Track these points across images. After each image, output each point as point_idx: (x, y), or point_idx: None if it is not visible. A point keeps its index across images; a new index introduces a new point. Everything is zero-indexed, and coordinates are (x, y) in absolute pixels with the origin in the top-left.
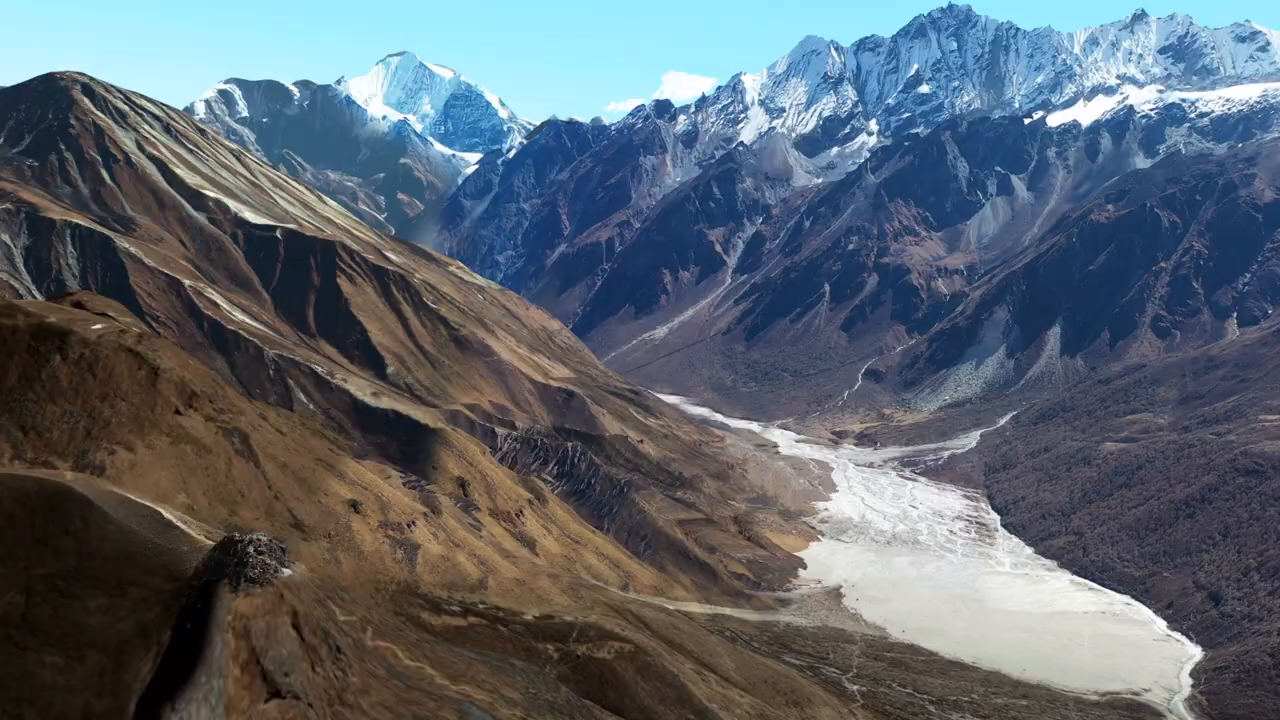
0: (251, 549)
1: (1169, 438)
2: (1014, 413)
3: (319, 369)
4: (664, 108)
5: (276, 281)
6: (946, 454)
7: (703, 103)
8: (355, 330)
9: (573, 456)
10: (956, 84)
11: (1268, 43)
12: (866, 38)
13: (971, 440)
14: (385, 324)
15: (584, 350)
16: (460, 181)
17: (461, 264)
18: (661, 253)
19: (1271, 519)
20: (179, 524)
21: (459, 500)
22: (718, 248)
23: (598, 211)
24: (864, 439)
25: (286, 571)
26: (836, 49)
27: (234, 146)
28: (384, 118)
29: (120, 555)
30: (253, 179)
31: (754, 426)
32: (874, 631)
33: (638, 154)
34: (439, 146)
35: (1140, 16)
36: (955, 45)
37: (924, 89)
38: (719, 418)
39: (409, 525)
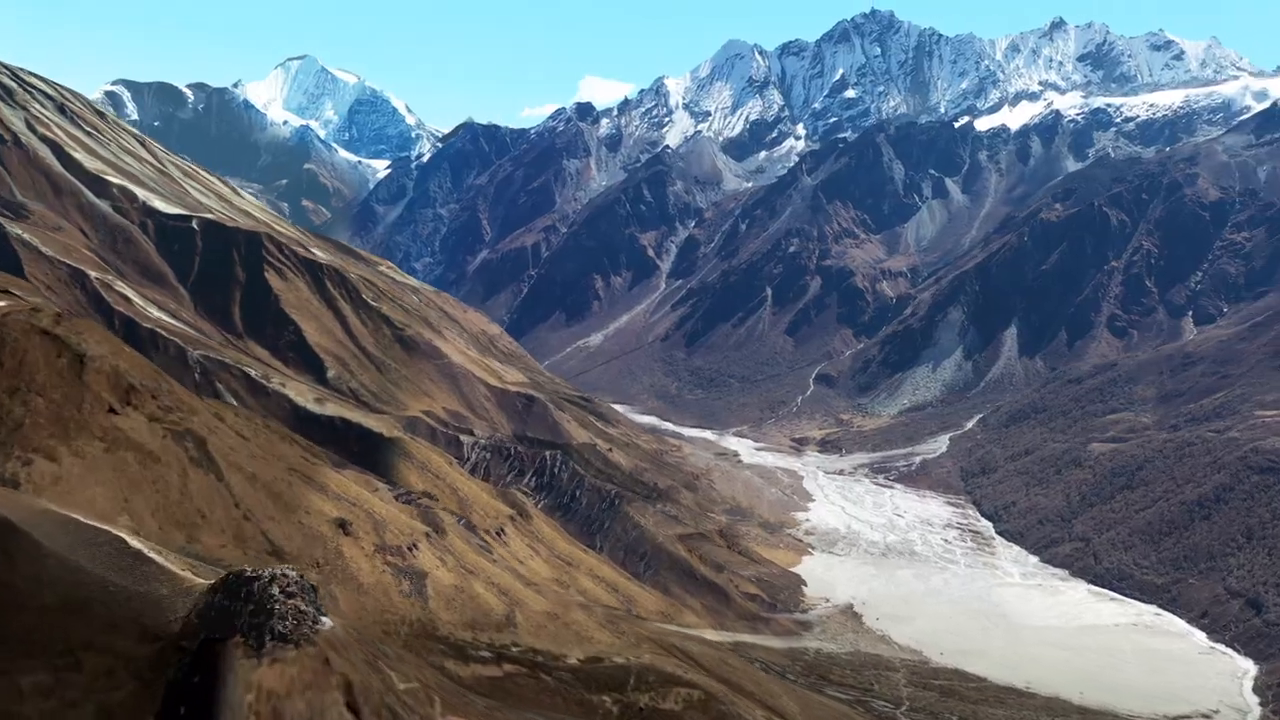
0: (277, 590)
1: (1160, 436)
2: (980, 415)
3: (252, 372)
4: (586, 111)
5: (195, 276)
6: (918, 459)
7: (625, 106)
8: (288, 330)
9: (552, 466)
10: (882, 89)
11: (1181, 52)
12: (790, 42)
13: (941, 444)
14: (322, 323)
15: (527, 356)
16: (372, 186)
17: (391, 264)
18: (592, 257)
19: None
20: (152, 555)
21: (460, 519)
22: (650, 252)
23: (521, 216)
24: (827, 445)
25: (327, 623)
26: (760, 53)
27: (136, 132)
28: (285, 123)
29: (65, 605)
30: (160, 167)
31: (708, 435)
32: (911, 656)
33: (560, 157)
34: (344, 153)
35: (1059, 24)
36: (879, 51)
37: (850, 94)
38: (669, 426)
39: (411, 549)
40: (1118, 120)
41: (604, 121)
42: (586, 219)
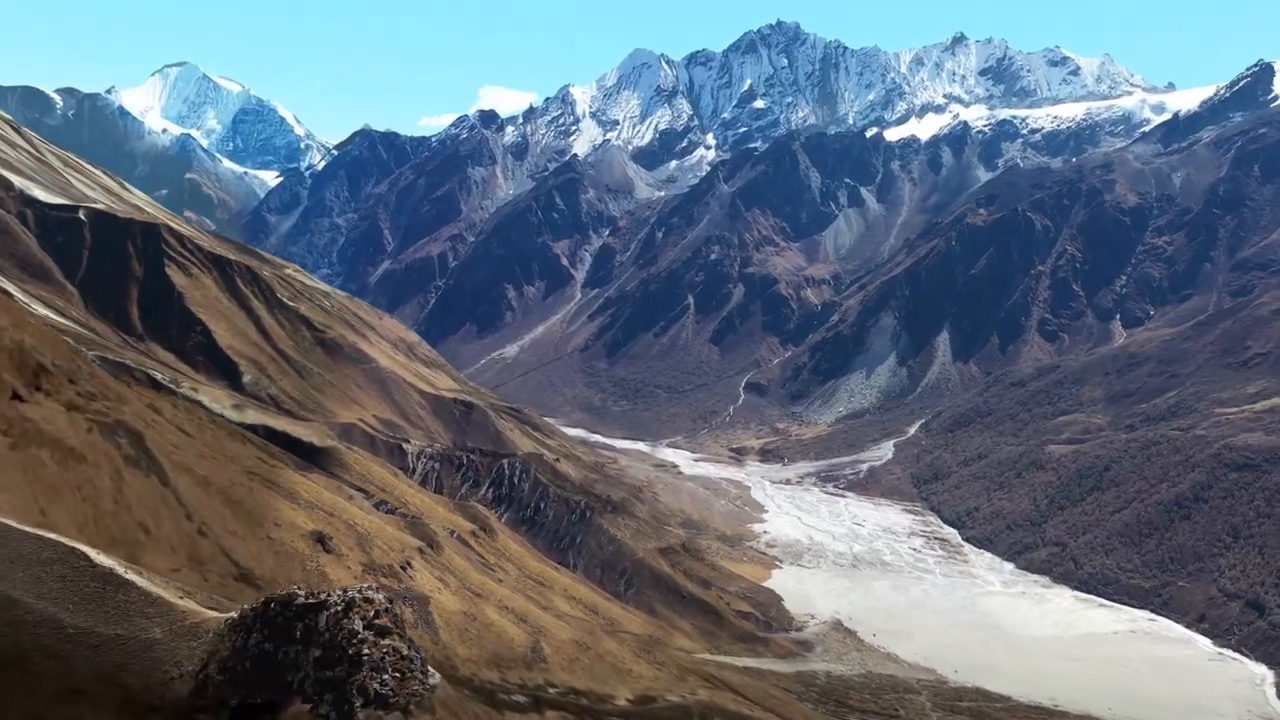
0: (359, 623)
1: (1121, 437)
2: (922, 421)
3: (159, 375)
4: (490, 118)
5: (84, 272)
6: (865, 466)
7: (531, 114)
8: (195, 331)
9: (511, 476)
10: (790, 100)
11: (1078, 68)
12: (697, 52)
13: (886, 451)
14: (234, 324)
15: (448, 365)
16: (263, 195)
17: (297, 267)
18: (503, 267)
19: None
20: (131, 577)
21: (452, 532)
22: (564, 261)
23: (425, 225)
24: (768, 455)
25: (435, 677)
26: (668, 62)
27: (8, 117)
28: (164, 132)
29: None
30: (38, 155)
31: (641, 447)
32: (925, 675)
33: (465, 165)
34: (229, 164)
35: (960, 39)
36: (786, 62)
37: (759, 104)
38: (598, 438)
39: (405, 568)
40: (1024, 132)
41: (509, 129)
42: (496, 227)
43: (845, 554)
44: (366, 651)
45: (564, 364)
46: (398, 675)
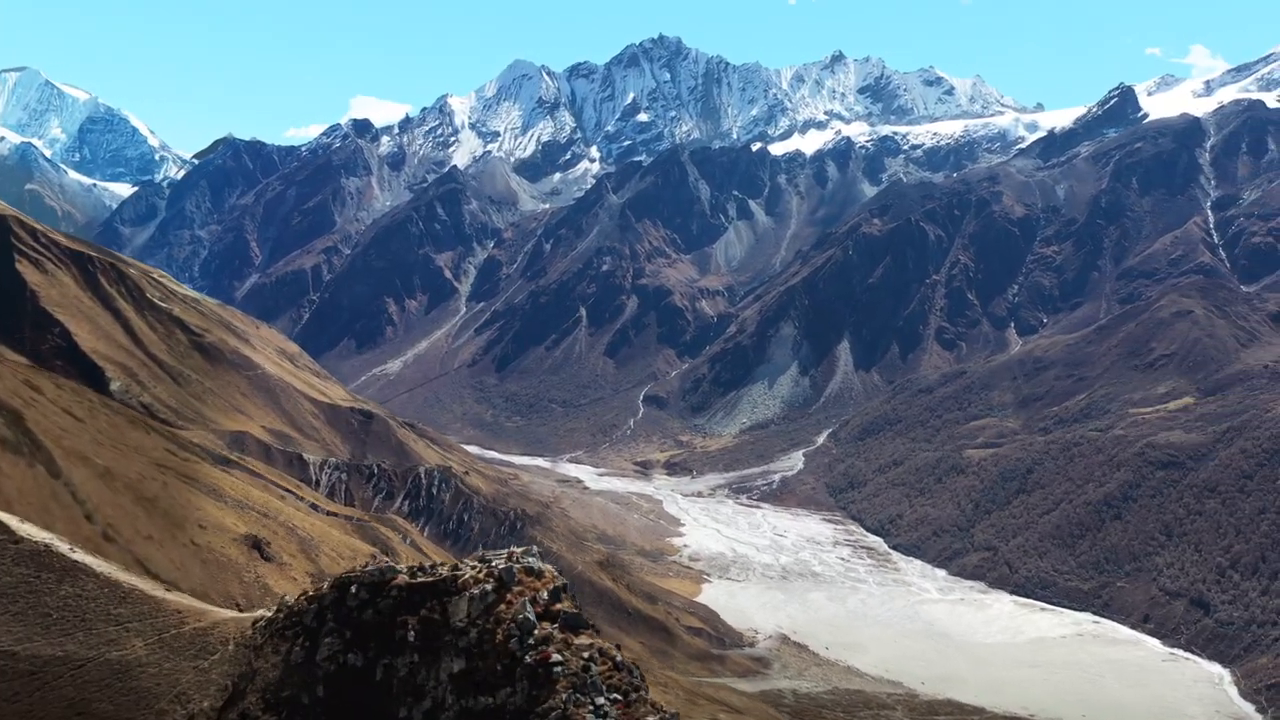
0: (528, 611)
1: (1038, 439)
2: (830, 430)
3: None
4: (364, 128)
5: None
6: (777, 477)
7: (408, 124)
8: (53, 333)
9: (429, 487)
10: (674, 114)
11: (952, 88)
12: (579, 64)
13: (796, 461)
14: (98, 325)
15: (332, 378)
16: (115, 206)
17: (164, 272)
18: (383, 280)
19: (1215, 512)
20: (84, 559)
21: (406, 537)
22: (448, 273)
23: (296, 237)
24: (675, 468)
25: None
26: (549, 74)
27: None
28: (1, 140)
29: None
30: None
31: (540, 462)
32: (892, 688)
33: (338, 175)
34: (75, 175)
35: (839, 58)
36: (669, 76)
37: (643, 117)
38: (494, 454)
39: None
40: (906, 147)
41: (384, 139)
42: (374, 239)
43: (773, 566)
44: (559, 659)
45: (451, 379)
46: (618, 698)
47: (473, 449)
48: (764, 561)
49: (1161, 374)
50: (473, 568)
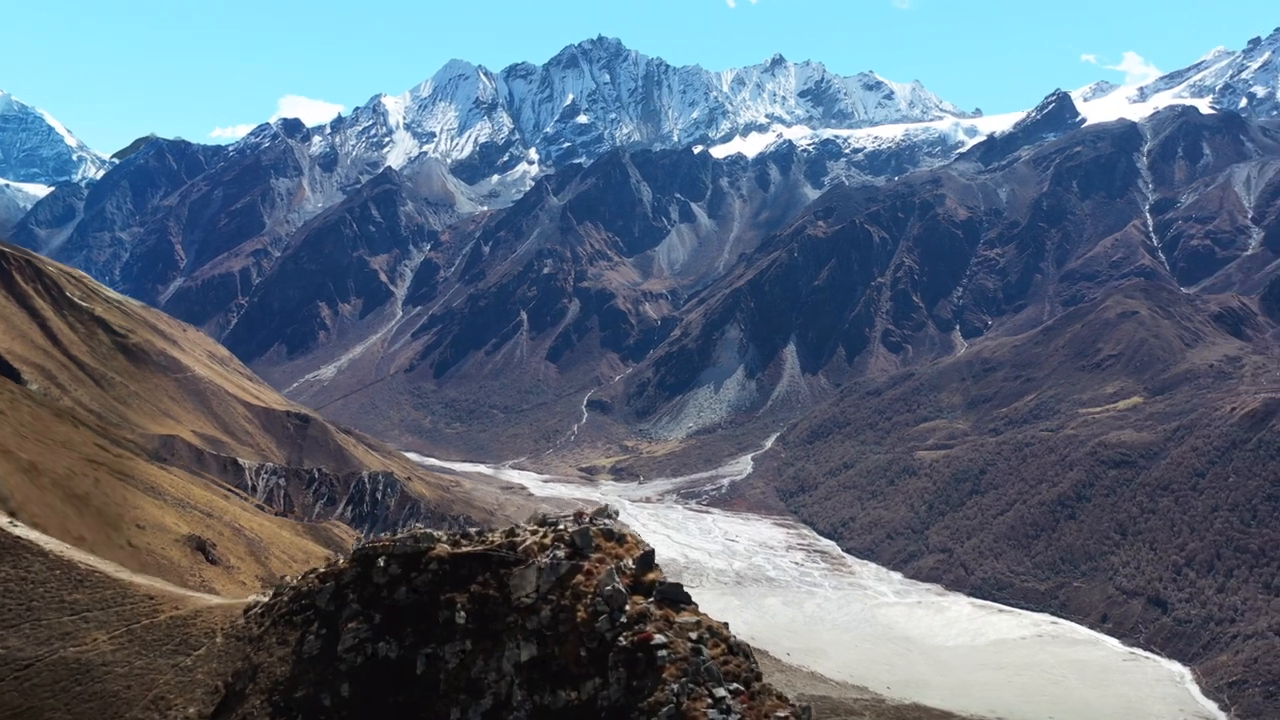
0: (616, 582)
1: (989, 440)
2: (778, 434)
3: None
4: (294, 127)
5: None
6: (725, 481)
7: (340, 124)
8: None
9: (374, 492)
10: (614, 116)
11: (891, 92)
12: (517, 64)
13: (744, 466)
14: (13, 325)
15: (265, 384)
16: (30, 208)
17: (84, 274)
18: (315, 283)
19: (1169, 510)
20: (27, 535)
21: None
22: (383, 277)
23: (223, 240)
24: (622, 473)
25: None
26: (486, 74)
27: None
28: None
29: None
30: None
31: (483, 469)
32: (859, 694)
33: (267, 176)
34: None
35: (779, 61)
36: (609, 78)
37: (582, 119)
38: (434, 461)
39: None
40: (847, 151)
41: (316, 139)
42: (306, 241)
43: (726, 571)
44: (662, 640)
45: (387, 385)
46: (739, 688)
47: (412, 456)
48: (717, 567)
49: (1109, 374)
50: (533, 532)
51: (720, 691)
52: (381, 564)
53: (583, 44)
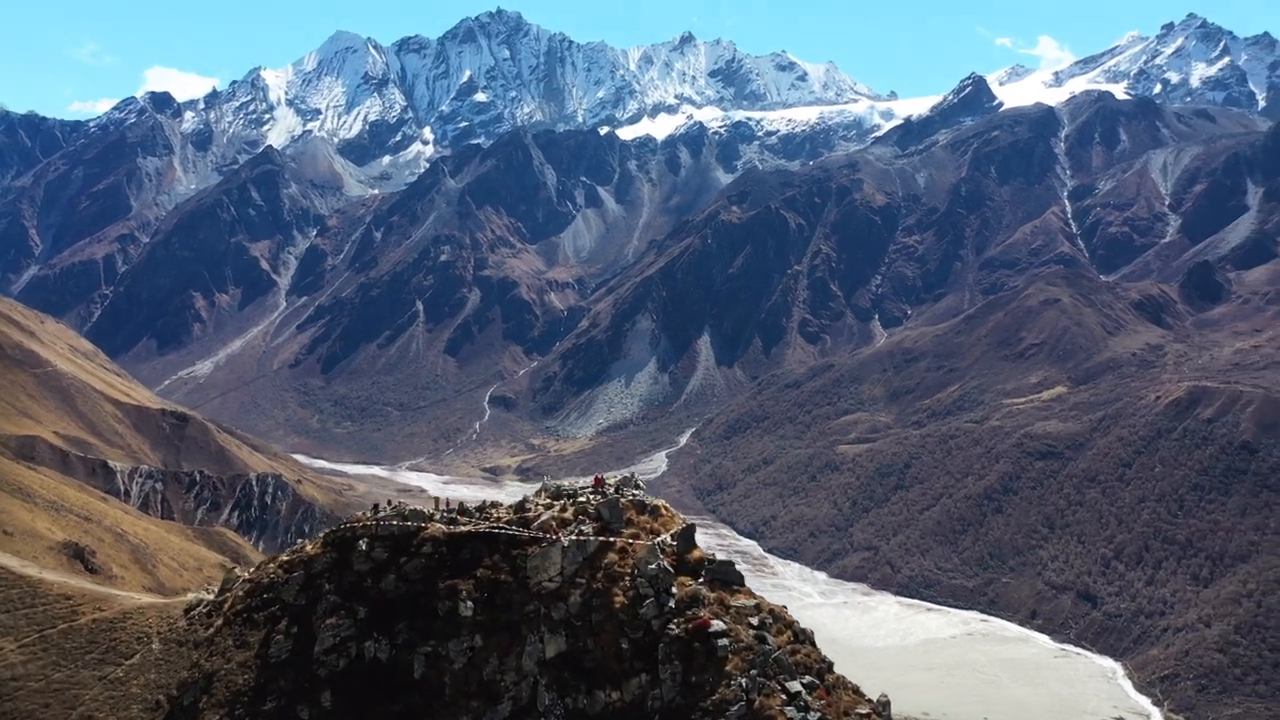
0: (658, 559)
1: (912, 433)
2: (693, 429)
3: None
4: (164, 102)
5: None
6: (640, 480)
7: (215, 99)
8: None
9: (263, 496)
10: (515, 94)
11: (805, 73)
12: (410, 38)
13: (659, 463)
14: None
15: (134, 380)
16: None
17: None
18: (188, 272)
19: (1096, 501)
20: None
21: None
22: (265, 264)
23: (84, 224)
24: (528, 473)
25: None
26: (376, 48)
27: None
28: None
29: None
30: None
31: (378, 471)
32: None
33: (134, 155)
34: None
35: (688, 39)
36: (509, 53)
37: (480, 97)
38: (323, 463)
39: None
40: (760, 134)
41: (188, 115)
42: (177, 226)
43: None
44: (720, 627)
45: (270, 382)
46: (814, 681)
47: (300, 458)
48: None
49: (1032, 363)
50: (546, 505)
51: (794, 685)
52: (363, 548)
53: (480, 17)
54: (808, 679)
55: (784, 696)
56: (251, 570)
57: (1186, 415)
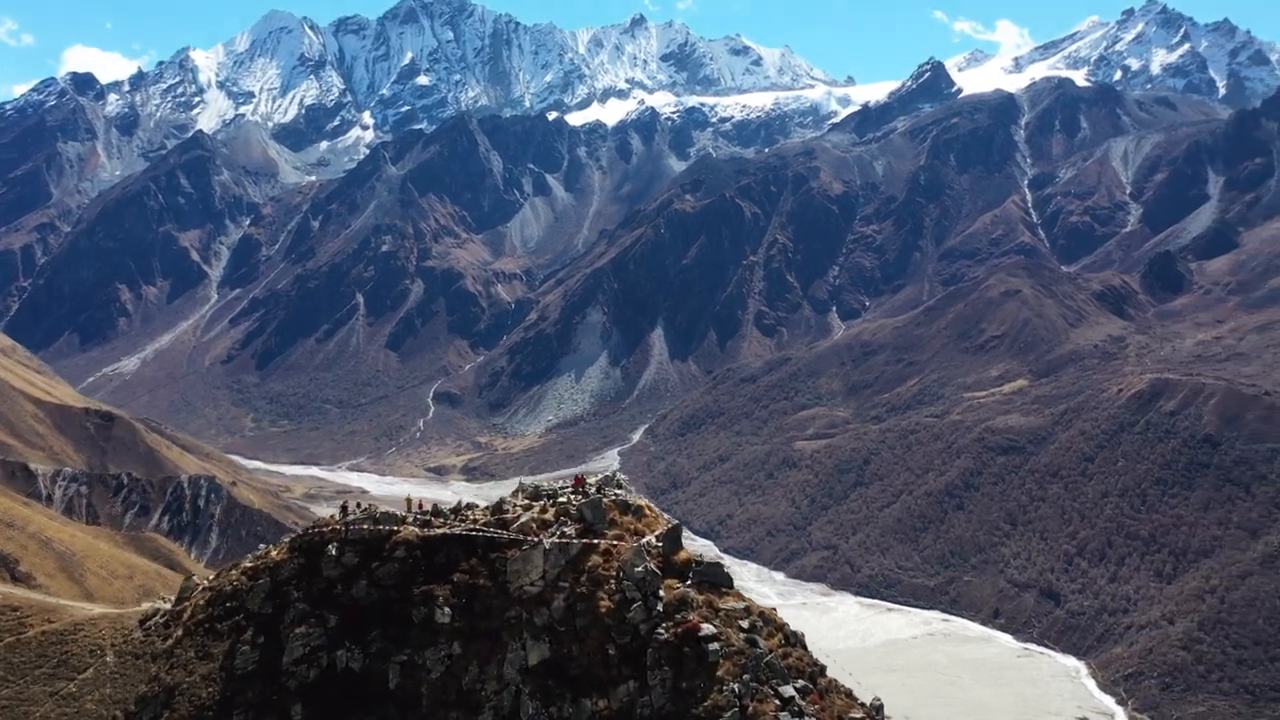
0: (647, 563)
1: (871, 428)
2: (646, 425)
3: None
4: (86, 83)
5: None
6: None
7: (140, 81)
8: None
9: (195, 500)
10: (459, 78)
11: (760, 58)
12: (348, 18)
13: (610, 461)
14: None
15: (56, 377)
16: None
17: None
18: (113, 263)
19: (1058, 497)
20: None
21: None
22: (195, 255)
23: (1, 212)
24: (475, 473)
25: None
26: (312, 28)
27: None
28: None
29: None
30: None
31: (316, 471)
32: None
33: (54, 139)
34: None
35: (639, 21)
36: (452, 35)
37: (423, 80)
38: (258, 464)
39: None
40: (714, 120)
41: (112, 98)
42: (102, 215)
43: None
44: (710, 630)
45: (200, 379)
46: (807, 685)
47: (234, 458)
48: None
49: (993, 356)
50: (525, 506)
51: (788, 690)
52: (333, 553)
53: None
54: (800, 683)
55: (778, 701)
56: (212, 578)
57: (1149, 408)
